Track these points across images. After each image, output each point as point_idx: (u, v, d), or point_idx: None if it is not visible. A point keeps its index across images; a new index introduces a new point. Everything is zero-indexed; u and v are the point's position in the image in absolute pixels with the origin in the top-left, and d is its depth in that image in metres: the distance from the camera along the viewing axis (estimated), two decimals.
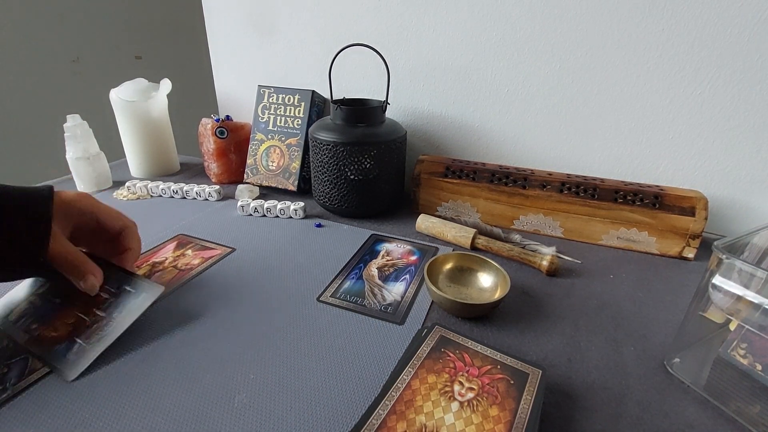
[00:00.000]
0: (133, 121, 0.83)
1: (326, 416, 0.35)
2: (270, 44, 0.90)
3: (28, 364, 0.40)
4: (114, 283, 0.46)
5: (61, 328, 0.43)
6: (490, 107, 0.77)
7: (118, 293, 0.45)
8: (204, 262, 0.58)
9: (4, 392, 0.36)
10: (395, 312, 0.49)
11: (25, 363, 0.40)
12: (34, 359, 0.40)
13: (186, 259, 0.58)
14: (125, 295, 0.45)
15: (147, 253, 0.60)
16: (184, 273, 0.55)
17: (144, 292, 0.45)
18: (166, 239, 0.64)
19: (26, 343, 0.41)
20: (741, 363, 0.38)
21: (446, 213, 0.74)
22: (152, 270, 0.56)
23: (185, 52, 1.43)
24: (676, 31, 0.62)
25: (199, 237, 0.65)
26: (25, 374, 0.39)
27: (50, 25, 1.12)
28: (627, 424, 0.36)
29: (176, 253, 0.60)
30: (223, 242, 0.63)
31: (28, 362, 0.40)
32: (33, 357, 0.40)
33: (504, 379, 0.37)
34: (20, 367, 0.39)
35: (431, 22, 0.74)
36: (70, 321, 0.43)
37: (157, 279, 0.53)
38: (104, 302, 0.44)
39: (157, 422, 0.35)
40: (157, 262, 0.58)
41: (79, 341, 0.41)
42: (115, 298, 0.45)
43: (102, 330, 0.42)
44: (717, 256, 0.37)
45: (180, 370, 0.40)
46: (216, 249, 0.61)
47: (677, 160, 0.68)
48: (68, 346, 0.41)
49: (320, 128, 0.69)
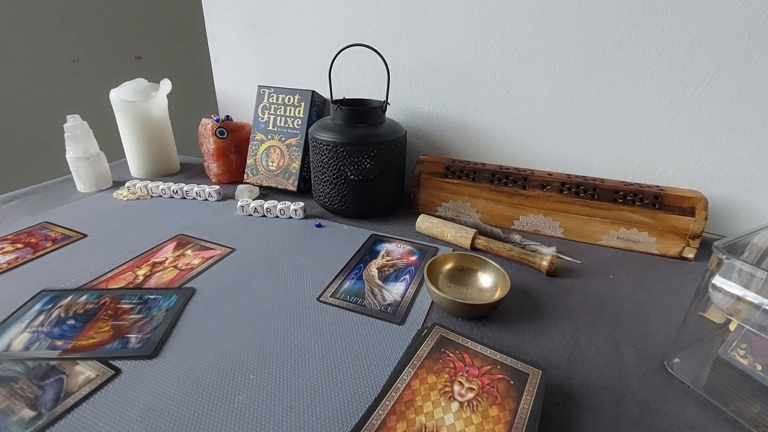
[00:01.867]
0: (133, 121, 0.83)
1: (326, 416, 0.35)
2: (270, 44, 0.90)
3: (64, 385, 0.37)
4: (132, 296, 0.50)
5: (98, 336, 0.44)
6: (490, 107, 0.77)
7: (142, 300, 0.50)
8: (204, 262, 0.58)
9: (39, 419, 0.33)
10: (395, 312, 0.49)
11: (60, 384, 0.37)
12: (70, 380, 0.38)
13: (186, 259, 0.58)
14: (153, 301, 0.50)
15: (147, 254, 0.60)
16: (184, 273, 0.55)
17: (175, 295, 0.51)
18: (166, 239, 0.64)
19: (61, 355, 0.41)
20: (741, 363, 0.38)
21: (446, 213, 0.74)
22: (152, 270, 0.56)
23: (185, 52, 1.43)
24: (676, 31, 0.62)
25: (199, 237, 0.65)
26: (60, 398, 0.36)
27: (50, 25, 1.12)
28: (627, 424, 0.36)
29: (176, 253, 0.60)
30: (223, 242, 0.63)
31: (63, 383, 0.37)
32: (81, 360, 0.40)
33: (504, 379, 0.37)
34: (55, 389, 0.36)
35: (431, 22, 0.74)
36: (105, 329, 0.45)
37: (157, 279, 0.54)
38: (130, 311, 0.48)
39: (158, 422, 0.35)
40: (157, 262, 0.58)
41: (135, 335, 0.44)
42: (144, 304, 0.49)
43: (151, 323, 0.46)
44: (717, 256, 0.37)
45: (180, 370, 0.40)
46: (216, 249, 0.62)
47: (677, 160, 0.68)
48: (124, 342, 0.43)
49: (320, 128, 0.69)
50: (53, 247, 0.61)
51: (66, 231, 0.65)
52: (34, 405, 0.35)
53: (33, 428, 0.33)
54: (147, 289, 0.52)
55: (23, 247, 0.60)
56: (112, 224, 0.68)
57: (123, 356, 0.41)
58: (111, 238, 0.63)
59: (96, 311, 0.47)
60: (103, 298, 0.50)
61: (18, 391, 0.36)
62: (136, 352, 0.42)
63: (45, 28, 1.11)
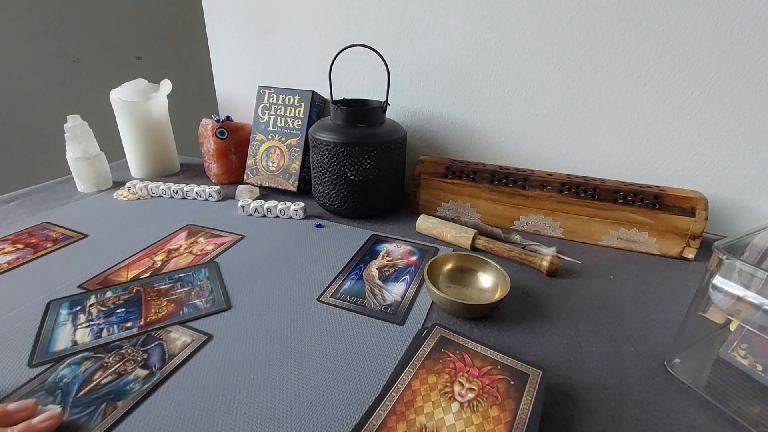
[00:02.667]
0: (134, 121, 0.83)
1: (326, 416, 0.35)
2: (270, 44, 0.90)
3: (165, 349, 0.42)
4: (162, 279, 0.53)
5: (163, 310, 0.48)
6: (490, 107, 0.77)
7: (175, 279, 0.53)
8: (217, 247, 0.62)
9: (153, 376, 0.39)
10: (395, 312, 0.49)
11: (162, 349, 0.42)
12: (169, 345, 0.43)
13: (200, 245, 0.62)
14: (186, 277, 0.53)
15: (161, 242, 0.63)
16: (200, 257, 0.59)
17: (204, 268, 0.55)
18: (176, 229, 0.67)
19: (140, 329, 0.45)
20: (741, 363, 0.38)
21: (446, 213, 0.74)
22: (168, 256, 0.59)
23: (185, 52, 1.43)
24: (677, 32, 0.62)
25: (209, 226, 0.68)
26: (166, 359, 0.41)
27: (50, 26, 1.12)
28: (627, 425, 0.36)
29: (189, 241, 0.64)
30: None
31: (164, 348, 0.42)
32: (165, 328, 0.45)
33: (504, 379, 0.37)
34: (159, 353, 0.42)
35: (431, 22, 0.74)
36: (163, 304, 0.49)
37: (175, 264, 0.57)
38: (172, 289, 0.52)
39: (158, 422, 0.35)
40: (172, 249, 0.61)
41: (198, 300, 0.49)
42: (179, 281, 0.53)
43: (204, 291, 0.51)
44: (717, 256, 0.37)
45: (180, 370, 0.40)
46: (226, 236, 0.65)
47: (677, 161, 0.68)
48: (193, 307, 0.48)
49: (320, 129, 0.69)
50: (54, 248, 0.61)
51: (66, 231, 0.65)
52: (145, 365, 0.40)
53: (150, 383, 0.38)
54: (171, 272, 0.55)
55: (24, 248, 0.60)
56: (112, 224, 0.68)
57: (204, 314, 0.47)
58: (112, 238, 0.63)
59: (138, 297, 0.50)
60: (133, 287, 0.52)
61: (127, 356, 0.41)
62: (212, 309, 0.48)
63: (45, 29, 1.11)
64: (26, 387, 0.38)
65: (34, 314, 0.47)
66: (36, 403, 0.35)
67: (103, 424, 0.34)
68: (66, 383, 0.38)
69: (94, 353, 0.42)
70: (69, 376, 0.39)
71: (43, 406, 0.35)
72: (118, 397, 0.37)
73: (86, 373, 0.39)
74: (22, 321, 0.46)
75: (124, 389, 0.38)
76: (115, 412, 0.35)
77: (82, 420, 0.35)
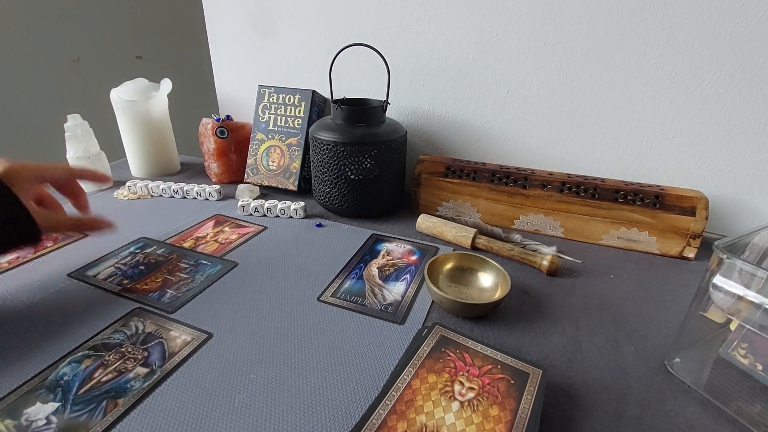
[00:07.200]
0: (134, 120, 0.83)
1: (326, 416, 0.35)
2: (270, 44, 0.90)
3: (166, 347, 0.42)
4: (191, 259, 0.58)
5: (152, 284, 0.52)
6: (491, 107, 0.77)
7: (196, 265, 0.57)
8: (241, 237, 0.65)
9: (154, 374, 0.39)
10: (395, 312, 0.49)
11: (163, 347, 0.43)
12: (170, 343, 0.43)
13: (225, 235, 0.66)
14: (203, 267, 0.56)
15: (190, 229, 0.67)
16: (224, 246, 0.62)
17: (219, 265, 0.57)
18: (204, 219, 0.71)
19: (120, 293, 0.50)
20: (742, 363, 0.38)
21: (447, 213, 0.74)
22: (196, 243, 0.63)
23: (185, 52, 1.43)
24: (677, 31, 0.62)
25: (233, 216, 0.72)
26: (166, 357, 0.41)
27: (50, 25, 1.12)
28: (627, 424, 0.36)
29: (215, 230, 0.67)
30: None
31: (165, 346, 0.43)
32: (133, 301, 0.49)
33: (504, 378, 0.37)
34: (159, 351, 0.42)
35: (432, 22, 0.74)
36: (159, 279, 0.53)
37: (202, 250, 0.61)
38: (184, 270, 0.55)
39: (158, 420, 0.35)
40: (199, 237, 0.65)
41: (171, 291, 0.51)
42: (194, 267, 0.56)
43: (188, 285, 0.52)
44: (718, 255, 0.37)
45: (180, 368, 0.40)
46: (250, 227, 0.69)
47: (678, 160, 0.68)
48: (161, 294, 0.50)
49: (320, 128, 0.69)
50: (54, 247, 0.61)
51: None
52: (145, 363, 0.41)
53: (151, 381, 0.38)
54: (203, 254, 0.59)
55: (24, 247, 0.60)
56: None
57: (149, 304, 0.49)
58: (113, 238, 0.63)
59: (161, 263, 0.57)
60: (173, 254, 0.59)
61: (127, 354, 0.42)
62: (159, 305, 0.49)
63: (46, 28, 1.11)
64: (27, 385, 0.38)
65: (35, 313, 0.47)
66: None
67: (104, 422, 0.34)
68: (66, 381, 0.38)
69: (94, 351, 0.42)
70: (69, 374, 0.39)
71: (44, 403, 0.36)
72: (119, 394, 0.37)
73: (87, 371, 0.39)
74: (22, 321, 0.46)
75: (124, 387, 0.38)
76: (115, 409, 0.35)
77: (83, 417, 0.35)
